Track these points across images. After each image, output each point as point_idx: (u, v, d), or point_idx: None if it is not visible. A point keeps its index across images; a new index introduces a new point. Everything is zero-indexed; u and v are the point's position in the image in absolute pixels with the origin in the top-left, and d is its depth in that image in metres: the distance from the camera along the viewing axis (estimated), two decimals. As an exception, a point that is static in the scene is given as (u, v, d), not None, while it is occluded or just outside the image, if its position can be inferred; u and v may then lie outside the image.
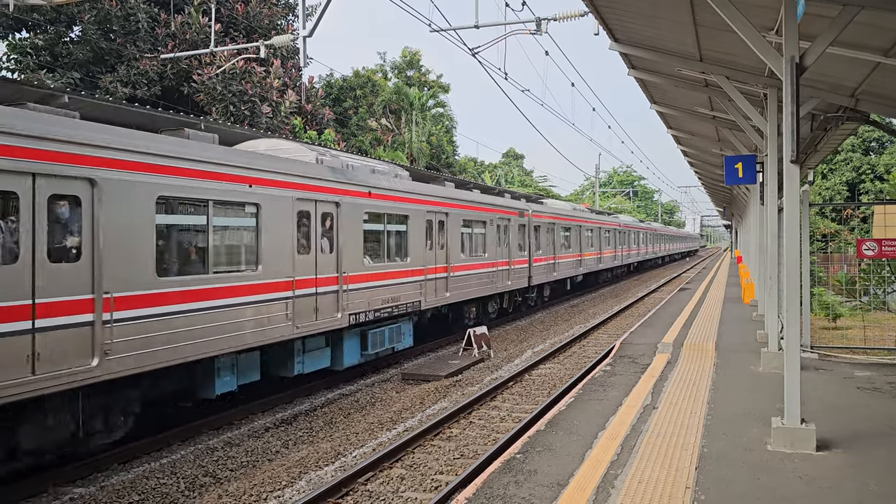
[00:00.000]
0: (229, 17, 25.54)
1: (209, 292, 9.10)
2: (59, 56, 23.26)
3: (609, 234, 36.27)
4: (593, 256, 32.73)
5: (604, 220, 36.16)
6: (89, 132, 7.61)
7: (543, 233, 24.52)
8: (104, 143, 7.71)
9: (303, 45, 16.27)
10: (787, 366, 6.69)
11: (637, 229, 46.68)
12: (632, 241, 43.78)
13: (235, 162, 9.68)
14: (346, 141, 33.42)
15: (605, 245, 35.30)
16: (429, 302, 15.32)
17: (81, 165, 7.42)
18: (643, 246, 49.17)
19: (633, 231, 44.96)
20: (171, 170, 8.59)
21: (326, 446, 9.19)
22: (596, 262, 33.34)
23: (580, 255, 30.10)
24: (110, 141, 7.80)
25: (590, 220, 32.49)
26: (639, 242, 47.01)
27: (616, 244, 38.04)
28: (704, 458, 6.50)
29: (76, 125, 7.56)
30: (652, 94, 14.53)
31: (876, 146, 44.40)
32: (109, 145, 7.77)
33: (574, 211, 31.44)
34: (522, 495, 5.72)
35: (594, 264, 32.98)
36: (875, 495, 5.55)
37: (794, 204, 6.83)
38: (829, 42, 6.50)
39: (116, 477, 8.10)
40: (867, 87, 9.94)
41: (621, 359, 12.17)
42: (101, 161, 7.65)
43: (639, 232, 47.44)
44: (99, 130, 7.78)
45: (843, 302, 17.79)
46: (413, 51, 46.63)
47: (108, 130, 7.89)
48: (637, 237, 46.42)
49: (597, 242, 33.50)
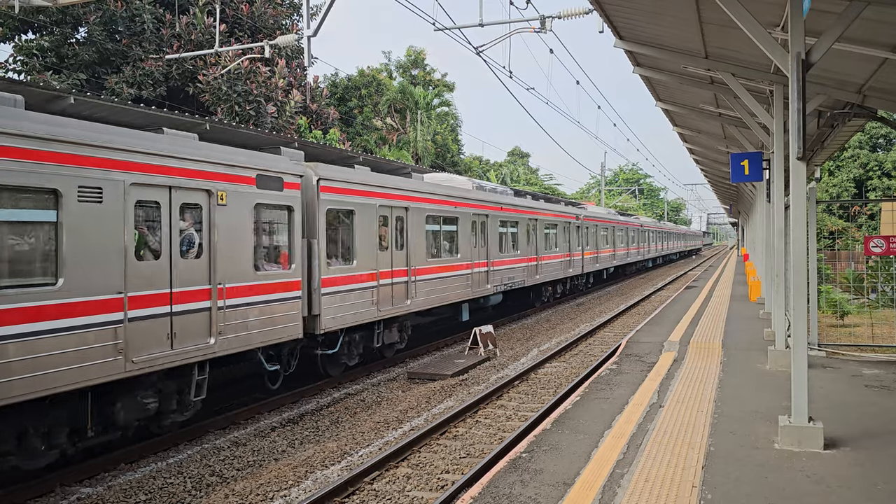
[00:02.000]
0: (234, 18, 25.57)
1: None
2: (64, 57, 23.33)
3: (551, 231, 25.91)
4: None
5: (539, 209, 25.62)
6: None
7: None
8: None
9: (307, 44, 16.29)
10: (794, 364, 6.66)
11: (606, 223, 34.55)
12: (596, 240, 32.05)
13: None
14: (351, 140, 33.45)
15: (549, 247, 25.75)
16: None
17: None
18: (619, 245, 37.76)
19: (600, 226, 32.99)
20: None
21: (332, 445, 9.20)
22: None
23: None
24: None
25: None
26: (608, 241, 34.78)
27: (564, 244, 27.21)
28: (711, 456, 6.48)
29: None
30: (657, 91, 14.47)
31: (883, 143, 44.17)
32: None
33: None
34: (528, 494, 5.71)
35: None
36: (884, 494, 5.51)
37: (801, 201, 6.79)
38: (835, 38, 6.46)
39: (123, 477, 8.12)
40: (874, 83, 9.88)
41: (627, 357, 12.14)
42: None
43: (611, 228, 35.57)
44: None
45: (851, 299, 17.70)
46: (418, 50, 46.64)
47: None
48: (605, 235, 34.23)
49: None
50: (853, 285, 19.24)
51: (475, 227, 18.37)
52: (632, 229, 41.46)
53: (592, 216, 31.73)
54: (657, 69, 12.13)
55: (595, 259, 31.85)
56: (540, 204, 24.77)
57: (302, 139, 14.31)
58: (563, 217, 27.02)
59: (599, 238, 32.43)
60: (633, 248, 41.42)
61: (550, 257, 25.07)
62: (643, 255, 45.94)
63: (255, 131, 12.60)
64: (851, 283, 19.42)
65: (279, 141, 12.15)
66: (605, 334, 18.83)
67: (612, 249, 35.46)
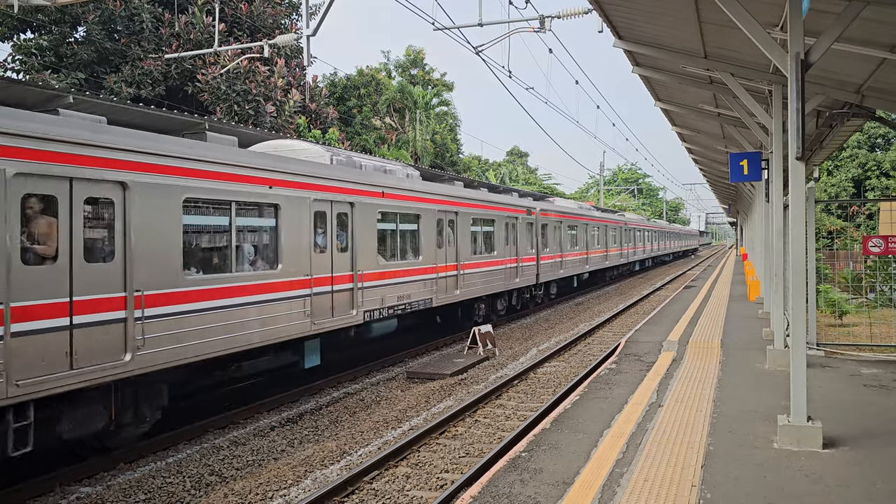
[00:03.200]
0: (233, 17, 25.57)
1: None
2: (63, 57, 23.33)
3: (485, 229, 19.74)
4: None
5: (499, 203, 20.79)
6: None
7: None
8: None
9: (306, 44, 16.29)
10: (793, 363, 6.67)
11: (575, 219, 28.57)
12: (560, 241, 26.24)
13: None
14: (350, 140, 33.44)
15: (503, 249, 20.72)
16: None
17: None
18: (595, 247, 32.00)
19: (566, 223, 27.11)
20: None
21: (332, 445, 9.20)
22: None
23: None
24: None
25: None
26: (577, 242, 28.81)
27: (507, 246, 20.81)
28: (710, 456, 6.49)
29: None
30: (656, 91, 14.48)
31: (882, 142, 44.18)
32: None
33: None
34: (528, 494, 5.72)
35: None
36: (883, 494, 5.52)
37: (800, 201, 6.80)
38: (834, 38, 6.47)
39: (123, 476, 8.12)
40: (873, 83, 9.89)
41: (627, 357, 12.15)
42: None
43: (583, 225, 29.70)
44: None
45: (850, 299, 17.73)
46: (417, 49, 46.64)
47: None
48: (574, 234, 28.41)
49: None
50: (852, 285, 19.27)
51: (323, 222, 11.69)
52: (612, 227, 35.49)
53: (554, 210, 25.65)
54: (656, 69, 12.15)
55: (557, 265, 25.33)
56: (466, 192, 17.95)
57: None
58: (505, 211, 20.37)
59: (565, 238, 26.56)
60: (613, 250, 35.48)
61: (482, 264, 18.39)
62: (627, 258, 39.78)
63: (254, 130, 12.58)
64: (850, 283, 19.45)
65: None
66: (603, 334, 18.85)
67: (585, 252, 29.52)
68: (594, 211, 34.48)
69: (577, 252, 28.44)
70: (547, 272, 24.20)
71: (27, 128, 7.03)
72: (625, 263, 39.96)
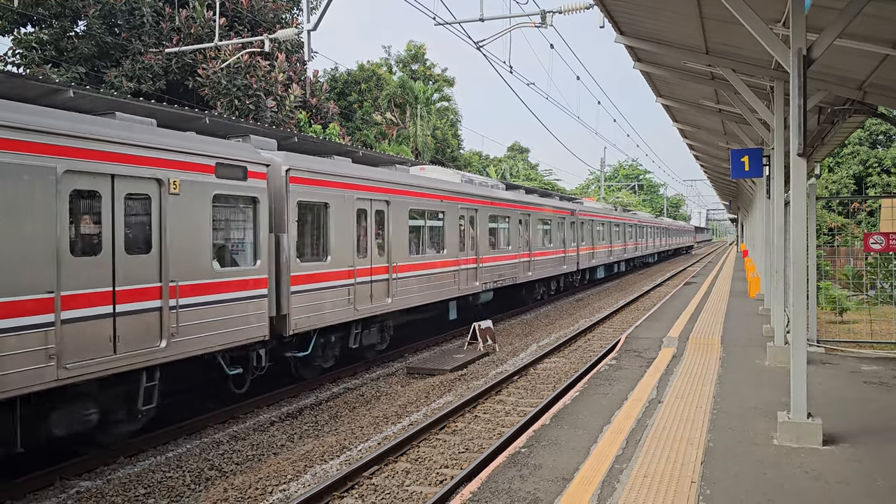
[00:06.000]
0: (234, 11, 25.51)
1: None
2: (64, 51, 23.29)
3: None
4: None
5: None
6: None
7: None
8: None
9: (307, 38, 16.28)
10: (793, 360, 6.66)
11: (493, 205, 19.60)
12: (461, 236, 18.33)
13: None
14: (350, 135, 33.40)
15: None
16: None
17: None
18: (529, 247, 22.70)
19: (482, 212, 18.69)
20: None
21: (332, 440, 9.21)
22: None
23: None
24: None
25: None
26: (497, 240, 20.28)
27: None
28: (710, 452, 6.49)
29: None
30: (658, 87, 14.45)
31: (883, 139, 44.10)
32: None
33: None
34: (528, 489, 5.72)
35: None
36: (882, 490, 5.52)
37: (801, 197, 6.79)
38: (836, 34, 6.44)
39: (123, 470, 8.13)
40: (875, 79, 9.86)
41: (627, 353, 12.15)
42: None
43: (512, 215, 20.98)
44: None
45: (850, 296, 17.72)
46: (418, 44, 46.54)
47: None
48: (494, 228, 20.05)
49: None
50: (852, 282, 19.25)
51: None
52: (558, 219, 25.93)
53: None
54: (658, 65, 12.11)
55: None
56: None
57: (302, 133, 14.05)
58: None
59: (483, 233, 18.63)
60: (556, 252, 25.50)
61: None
62: (590, 261, 30.87)
63: (254, 125, 12.57)
64: (850, 280, 19.43)
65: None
66: (604, 330, 18.85)
67: (502, 256, 19.96)
68: (524, 195, 25.23)
69: (492, 257, 24.56)
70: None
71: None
72: (580, 269, 29.83)
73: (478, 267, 17.72)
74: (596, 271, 33.67)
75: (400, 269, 14.05)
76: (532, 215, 22.60)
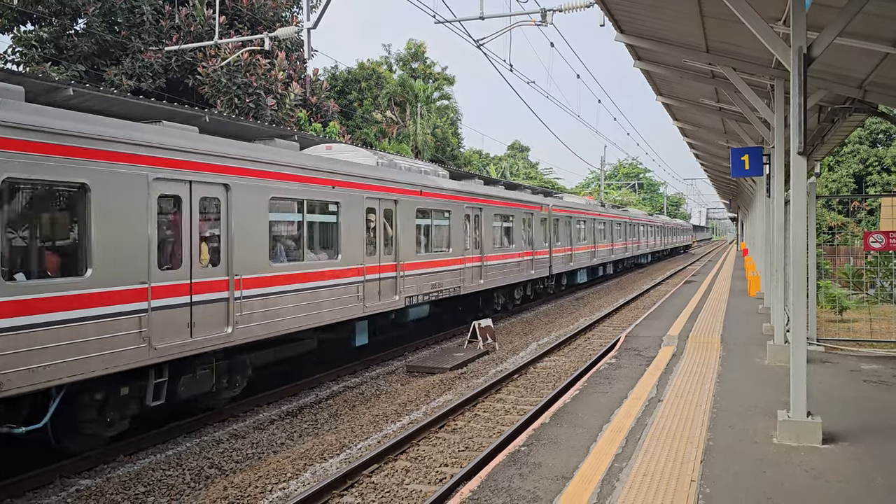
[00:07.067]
0: (234, 10, 25.48)
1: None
2: (63, 49, 23.27)
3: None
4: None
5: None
6: None
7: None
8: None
9: (307, 36, 16.27)
10: (793, 358, 6.66)
11: (402, 193, 14.63)
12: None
13: None
14: (350, 133, 33.39)
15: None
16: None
17: None
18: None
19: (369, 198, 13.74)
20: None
21: (331, 438, 9.21)
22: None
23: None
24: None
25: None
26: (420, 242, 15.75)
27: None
28: (710, 450, 6.49)
29: None
30: (658, 85, 14.44)
31: (883, 138, 44.12)
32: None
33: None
34: (527, 488, 5.72)
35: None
36: (882, 489, 5.52)
37: (801, 196, 6.78)
38: (837, 32, 6.43)
39: (122, 469, 8.13)
40: (875, 78, 9.85)
41: (626, 351, 12.15)
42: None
43: (442, 208, 16.37)
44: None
45: (850, 294, 17.71)
46: (418, 43, 46.53)
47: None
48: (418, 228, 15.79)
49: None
50: (852, 280, 19.25)
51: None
52: (524, 214, 22.03)
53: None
54: (658, 63, 12.11)
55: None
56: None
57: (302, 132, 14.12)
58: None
59: (406, 232, 14.55)
60: (519, 254, 21.34)
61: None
62: (568, 265, 27.03)
63: (254, 124, 12.57)
64: (850, 279, 19.43)
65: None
66: (603, 328, 18.85)
67: (438, 261, 15.95)
68: (454, 185, 21.21)
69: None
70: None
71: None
72: (531, 279, 23.43)
73: (398, 276, 13.91)
74: (575, 275, 29.27)
75: (246, 283, 9.84)
76: (485, 210, 18.51)
